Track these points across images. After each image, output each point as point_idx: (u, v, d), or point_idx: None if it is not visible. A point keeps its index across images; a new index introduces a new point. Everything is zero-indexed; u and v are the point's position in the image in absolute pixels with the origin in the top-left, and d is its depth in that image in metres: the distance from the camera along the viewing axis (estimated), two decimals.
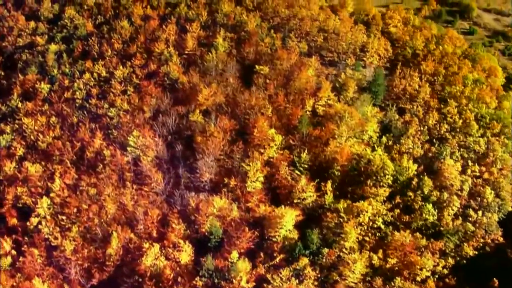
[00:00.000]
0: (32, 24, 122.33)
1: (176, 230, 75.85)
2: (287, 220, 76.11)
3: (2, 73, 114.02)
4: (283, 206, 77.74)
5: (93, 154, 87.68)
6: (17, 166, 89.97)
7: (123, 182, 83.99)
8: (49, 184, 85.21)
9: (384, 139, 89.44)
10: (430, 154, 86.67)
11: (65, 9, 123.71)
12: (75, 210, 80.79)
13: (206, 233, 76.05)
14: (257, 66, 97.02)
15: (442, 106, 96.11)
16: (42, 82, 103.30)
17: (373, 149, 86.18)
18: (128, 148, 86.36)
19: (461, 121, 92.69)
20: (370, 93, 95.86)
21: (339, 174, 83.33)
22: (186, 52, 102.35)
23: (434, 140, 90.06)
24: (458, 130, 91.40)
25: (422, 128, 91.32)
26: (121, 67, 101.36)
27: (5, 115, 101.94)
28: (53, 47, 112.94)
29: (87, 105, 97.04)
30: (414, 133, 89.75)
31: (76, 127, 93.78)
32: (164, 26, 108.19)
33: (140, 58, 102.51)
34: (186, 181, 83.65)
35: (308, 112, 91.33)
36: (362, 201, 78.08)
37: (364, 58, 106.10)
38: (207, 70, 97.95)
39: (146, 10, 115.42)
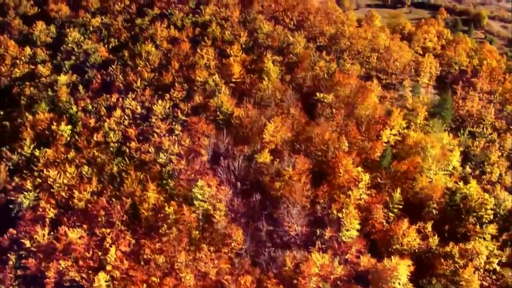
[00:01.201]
0: (28, 50, 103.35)
1: None
2: (401, 272, 67.02)
3: (1, 112, 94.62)
4: (392, 257, 68.56)
5: (151, 212, 73.04)
6: (52, 233, 73.24)
7: (197, 244, 70.56)
8: (100, 253, 69.94)
9: (467, 168, 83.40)
10: None
11: (67, 32, 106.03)
12: (144, 285, 66.37)
13: None
14: (318, 94, 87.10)
15: (510, 127, 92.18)
16: (62, 123, 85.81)
17: (465, 181, 79.69)
18: (195, 202, 72.85)
19: None
20: (440, 117, 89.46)
21: (436, 212, 75.89)
22: (233, 80, 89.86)
23: None
24: None
25: (500, 153, 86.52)
26: (160, 101, 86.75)
27: (19, 166, 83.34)
28: (63, 78, 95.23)
29: (127, 150, 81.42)
30: (497, 159, 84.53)
31: (119, 178, 78.28)
32: (199, 50, 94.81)
33: (180, 89, 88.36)
34: (271, 236, 72.10)
35: (384, 144, 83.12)
36: (472, 242, 71.25)
37: (418, 78, 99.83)
38: (263, 100, 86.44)
39: (170, 31, 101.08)
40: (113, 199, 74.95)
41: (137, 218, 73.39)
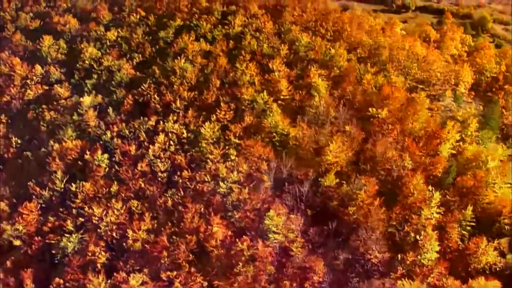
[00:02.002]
0: (39, 69, 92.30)
1: None
2: None
3: (19, 141, 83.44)
4: (479, 278, 65.98)
5: (222, 250, 66.08)
6: (108, 281, 64.55)
7: (277, 282, 64.59)
8: None
9: None
10: None
11: (80, 47, 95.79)
12: None
13: None
14: (371, 109, 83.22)
15: None
16: (97, 152, 76.58)
17: None
18: (270, 235, 66.78)
19: None
20: (489, 128, 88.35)
21: (508, 228, 74.26)
22: (282, 97, 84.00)
23: None
24: None
25: None
26: (206, 123, 79.20)
27: (52, 204, 73.87)
28: (87, 99, 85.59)
29: (179, 180, 73.63)
30: None
31: (176, 213, 70.53)
32: (238, 65, 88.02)
33: (227, 108, 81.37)
34: (350, 265, 67.44)
35: (445, 159, 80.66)
36: None
37: (457, 88, 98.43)
38: (316, 118, 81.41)
39: (201, 45, 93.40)
40: (174, 237, 67.56)
41: (206, 257, 66.46)
